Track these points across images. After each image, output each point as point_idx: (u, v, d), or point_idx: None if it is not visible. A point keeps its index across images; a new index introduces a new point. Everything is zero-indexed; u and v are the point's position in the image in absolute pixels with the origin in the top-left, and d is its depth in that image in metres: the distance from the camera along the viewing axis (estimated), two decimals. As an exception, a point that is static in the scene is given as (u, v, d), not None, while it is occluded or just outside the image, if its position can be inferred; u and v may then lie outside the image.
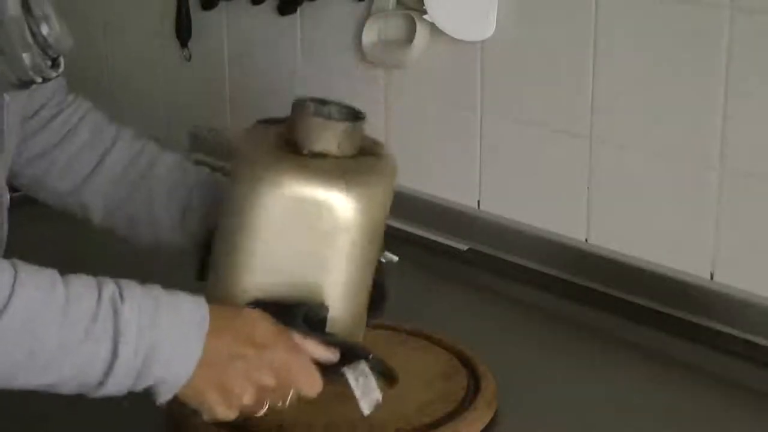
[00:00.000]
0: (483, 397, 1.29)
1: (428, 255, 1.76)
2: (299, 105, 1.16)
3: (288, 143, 1.15)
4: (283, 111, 1.18)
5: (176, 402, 1.08)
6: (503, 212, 1.72)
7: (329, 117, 1.15)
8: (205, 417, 1.11)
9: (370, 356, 1.15)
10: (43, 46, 1.09)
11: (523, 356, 1.44)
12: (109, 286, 1.04)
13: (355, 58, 1.85)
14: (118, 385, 1.04)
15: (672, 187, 1.54)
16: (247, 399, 1.10)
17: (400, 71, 1.81)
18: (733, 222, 1.49)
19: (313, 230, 1.12)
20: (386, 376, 1.16)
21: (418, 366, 1.36)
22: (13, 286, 0.99)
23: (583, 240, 1.64)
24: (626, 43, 1.54)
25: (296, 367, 1.12)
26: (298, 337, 1.12)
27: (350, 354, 1.14)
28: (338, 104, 1.18)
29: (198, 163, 1.39)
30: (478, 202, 1.75)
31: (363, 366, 1.14)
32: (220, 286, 1.15)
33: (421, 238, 1.79)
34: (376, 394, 1.14)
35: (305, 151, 1.13)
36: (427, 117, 1.80)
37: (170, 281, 1.09)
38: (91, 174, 1.30)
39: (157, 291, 1.07)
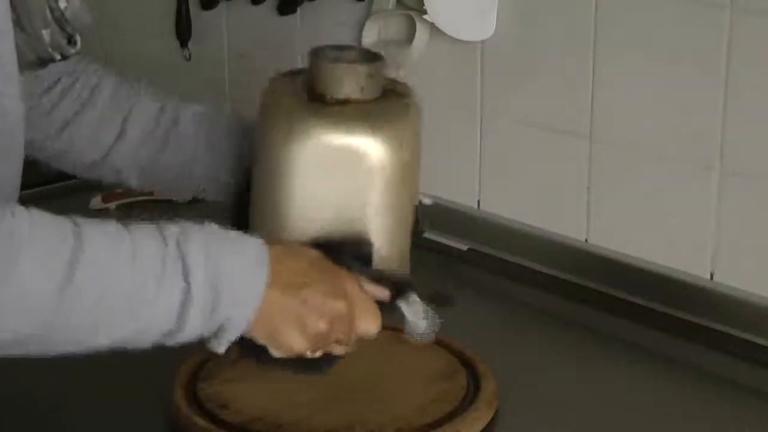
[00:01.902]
0: (483, 397, 1.29)
1: (428, 255, 1.76)
2: (318, 53, 1.16)
3: (312, 92, 1.15)
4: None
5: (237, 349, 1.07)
6: (503, 212, 1.72)
7: (349, 62, 1.16)
8: (278, 352, 1.09)
9: (416, 284, 1.16)
10: (60, 22, 1.09)
11: (523, 356, 1.44)
12: (171, 228, 1.04)
13: (355, 58, 1.85)
14: (193, 327, 1.03)
15: (672, 187, 1.54)
16: (322, 325, 1.09)
17: (400, 71, 1.80)
18: (733, 222, 1.49)
19: (346, 175, 1.13)
20: (436, 302, 1.18)
21: (418, 366, 1.36)
22: (78, 245, 0.98)
23: (583, 240, 1.64)
24: (626, 43, 1.54)
25: (360, 299, 1.12)
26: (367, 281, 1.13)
27: (399, 287, 1.15)
28: (355, 48, 1.19)
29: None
30: (478, 202, 1.75)
31: (414, 297, 1.16)
32: (262, 235, 1.14)
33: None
34: (429, 323, 1.16)
35: (329, 99, 1.14)
36: (427, 117, 1.79)
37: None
38: (117, 138, 1.30)
39: (215, 228, 1.06)
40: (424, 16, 1.70)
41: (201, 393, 1.29)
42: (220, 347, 1.07)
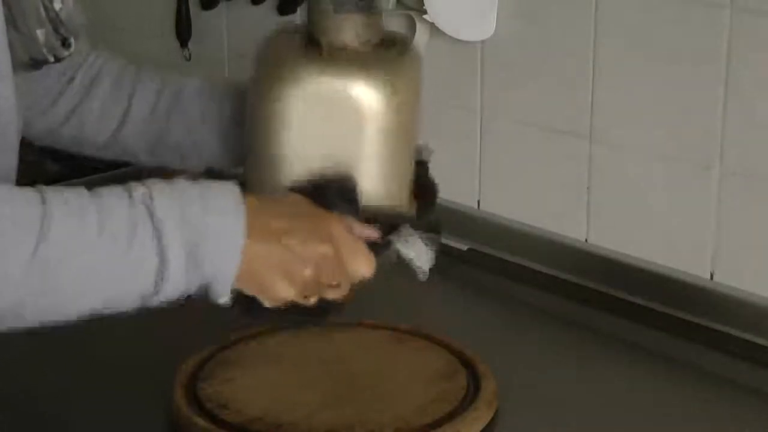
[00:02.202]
0: (483, 397, 1.29)
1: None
2: (317, 1, 1.16)
3: (308, 42, 1.15)
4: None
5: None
6: (503, 212, 1.72)
7: (346, 11, 1.15)
8: (268, 303, 1.08)
9: (410, 217, 1.15)
10: (55, 23, 1.09)
11: (523, 356, 1.44)
12: (139, 190, 1.03)
13: (355, 58, 1.85)
14: (172, 287, 1.02)
15: (672, 187, 1.54)
16: (308, 271, 1.07)
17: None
18: (733, 222, 1.49)
19: (338, 121, 1.12)
20: (432, 231, 1.16)
21: (418, 366, 1.36)
22: (43, 215, 0.97)
23: (583, 240, 1.64)
24: (626, 43, 1.54)
25: (348, 241, 1.10)
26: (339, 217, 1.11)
27: (391, 223, 1.14)
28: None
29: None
30: (478, 202, 1.75)
31: (408, 230, 1.14)
32: (255, 186, 1.15)
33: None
34: (429, 254, 1.15)
35: (325, 46, 1.13)
36: (427, 117, 1.79)
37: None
38: (123, 119, 1.30)
39: (185, 184, 1.05)
40: (424, 16, 1.70)
41: (201, 393, 1.29)
42: (217, 300, 1.06)
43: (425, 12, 1.70)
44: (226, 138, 1.28)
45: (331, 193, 1.12)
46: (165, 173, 1.76)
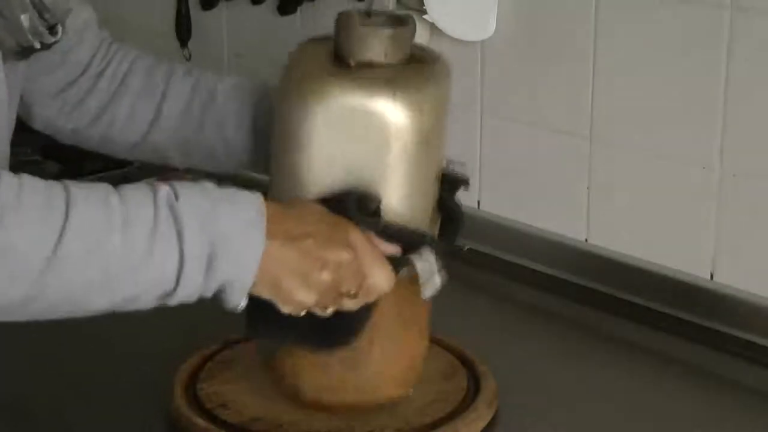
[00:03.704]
0: (483, 397, 1.29)
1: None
2: (344, 16, 1.15)
3: (336, 57, 1.15)
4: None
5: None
6: (503, 212, 1.72)
7: (374, 25, 1.15)
8: (285, 308, 1.08)
9: (430, 239, 1.15)
10: (39, 7, 1.09)
11: (523, 356, 1.44)
12: (163, 189, 1.03)
13: (355, 58, 1.85)
14: (190, 287, 1.02)
15: (672, 187, 1.54)
16: (327, 276, 1.07)
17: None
18: (733, 222, 1.49)
19: (364, 139, 1.12)
20: (446, 256, 1.16)
21: (418, 366, 1.36)
22: (67, 210, 0.98)
23: (583, 240, 1.64)
24: (626, 43, 1.54)
25: (368, 251, 1.10)
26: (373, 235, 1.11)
27: (411, 241, 1.14)
28: (384, 13, 1.18)
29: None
30: (478, 202, 1.75)
31: (427, 251, 1.14)
32: (277, 195, 1.15)
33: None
34: (439, 278, 1.15)
35: (352, 62, 1.13)
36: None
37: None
38: (154, 118, 1.30)
39: (209, 186, 1.05)
40: (424, 16, 1.70)
41: (201, 393, 1.29)
42: (230, 306, 1.06)
43: (425, 12, 1.70)
44: (258, 140, 1.27)
45: (353, 206, 1.11)
46: (164, 175, 1.77)
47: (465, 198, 1.77)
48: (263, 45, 2.00)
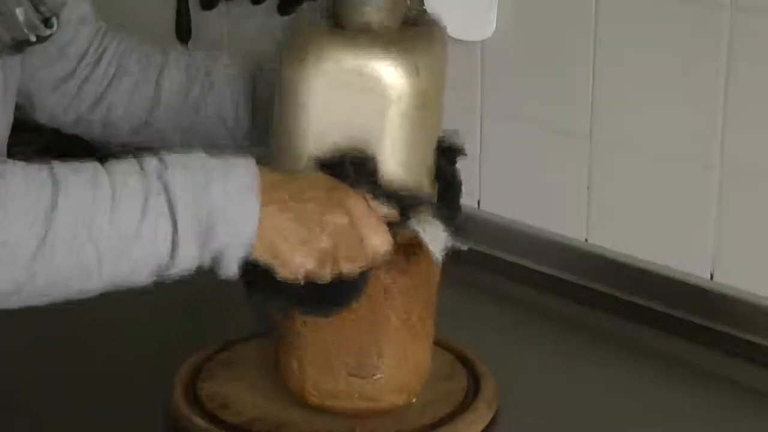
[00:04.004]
0: (483, 397, 1.29)
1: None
2: None
3: (334, 19, 1.15)
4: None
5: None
6: (503, 212, 1.72)
7: None
8: (282, 272, 1.08)
9: (428, 201, 1.15)
10: (35, 1, 1.09)
11: (523, 356, 1.44)
12: (151, 161, 1.03)
13: (355, 58, 1.85)
14: (186, 261, 1.02)
15: (672, 187, 1.54)
16: (324, 240, 1.07)
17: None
18: (733, 222, 1.49)
19: (363, 102, 1.12)
20: (450, 217, 1.16)
21: (418, 366, 1.36)
22: (53, 194, 0.98)
23: (583, 240, 1.64)
24: (626, 43, 1.54)
25: (365, 215, 1.10)
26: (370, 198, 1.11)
27: (409, 204, 1.14)
28: None
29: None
30: (478, 202, 1.75)
31: (426, 213, 1.14)
32: (276, 160, 1.15)
33: (421, 238, 1.79)
34: (445, 237, 1.14)
35: (348, 26, 1.13)
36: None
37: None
38: (153, 103, 1.30)
39: (201, 156, 1.05)
40: (424, 16, 1.70)
41: (201, 393, 1.29)
42: (227, 274, 1.06)
43: (428, 13, 1.69)
44: (255, 119, 1.28)
45: (351, 168, 1.12)
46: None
47: (465, 198, 1.77)
48: (263, 45, 2.00)
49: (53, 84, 1.30)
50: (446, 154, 1.22)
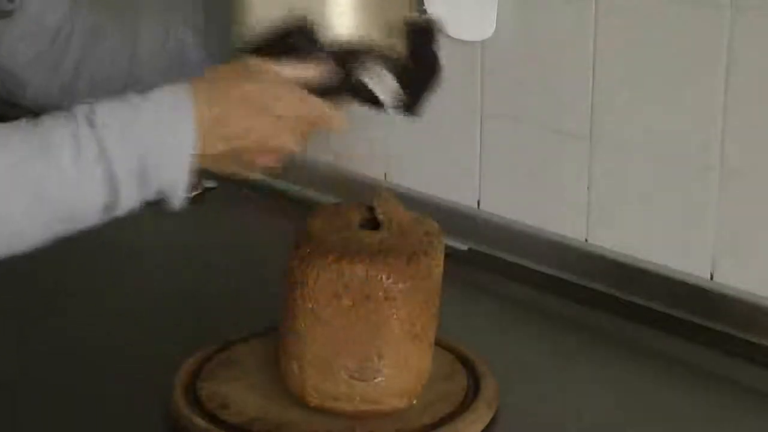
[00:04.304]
0: (483, 397, 1.29)
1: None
2: None
3: None
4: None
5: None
6: (503, 212, 1.72)
7: None
8: (244, 173, 1.09)
9: (377, 52, 1.14)
10: None
11: (523, 356, 1.44)
12: (82, 108, 1.03)
13: (355, 58, 1.85)
14: (128, 200, 1.03)
15: (672, 187, 1.54)
16: (268, 129, 1.08)
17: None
18: (733, 222, 1.49)
19: None
20: (397, 66, 1.15)
21: (418, 366, 1.36)
22: None
23: (583, 240, 1.64)
24: (626, 42, 1.54)
25: (302, 97, 1.10)
26: (292, 65, 1.11)
27: (356, 58, 1.13)
28: None
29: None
30: (478, 202, 1.75)
31: (372, 64, 1.13)
32: (219, 38, 1.17)
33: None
34: (393, 85, 1.14)
35: None
36: (427, 117, 1.79)
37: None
38: (132, 55, 1.30)
39: (130, 95, 1.05)
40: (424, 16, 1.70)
41: (201, 393, 1.29)
42: (176, 203, 1.06)
43: (426, 12, 1.69)
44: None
45: (292, 36, 1.11)
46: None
47: (465, 198, 1.78)
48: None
49: (33, 57, 1.29)
50: (421, 33, 1.20)
